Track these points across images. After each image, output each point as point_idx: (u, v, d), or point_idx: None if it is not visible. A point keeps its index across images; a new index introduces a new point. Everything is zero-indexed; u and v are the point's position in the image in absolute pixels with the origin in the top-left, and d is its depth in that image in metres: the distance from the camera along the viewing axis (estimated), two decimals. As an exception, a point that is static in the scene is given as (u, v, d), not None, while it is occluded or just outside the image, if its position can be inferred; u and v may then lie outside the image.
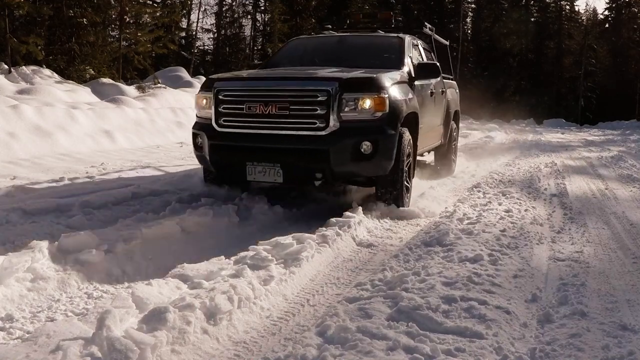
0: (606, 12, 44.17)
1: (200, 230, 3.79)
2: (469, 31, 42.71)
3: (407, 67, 5.41)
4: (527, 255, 3.53)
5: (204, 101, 4.71)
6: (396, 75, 4.92)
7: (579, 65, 39.96)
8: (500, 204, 5.07)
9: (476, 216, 4.47)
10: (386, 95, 4.37)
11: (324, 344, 2.19)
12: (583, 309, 2.64)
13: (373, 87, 4.37)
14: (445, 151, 7.36)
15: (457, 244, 3.56)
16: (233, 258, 3.07)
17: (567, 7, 43.50)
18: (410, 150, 4.85)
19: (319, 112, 4.22)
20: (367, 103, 4.30)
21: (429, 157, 7.80)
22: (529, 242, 3.84)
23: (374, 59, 5.52)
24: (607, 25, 44.28)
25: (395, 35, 6.14)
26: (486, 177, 7.11)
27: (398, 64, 5.37)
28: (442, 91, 6.84)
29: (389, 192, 4.65)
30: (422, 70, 5.40)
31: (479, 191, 5.84)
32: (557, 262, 3.47)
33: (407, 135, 4.71)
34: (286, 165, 4.32)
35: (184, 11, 26.06)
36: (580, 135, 21.05)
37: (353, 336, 2.22)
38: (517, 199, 5.44)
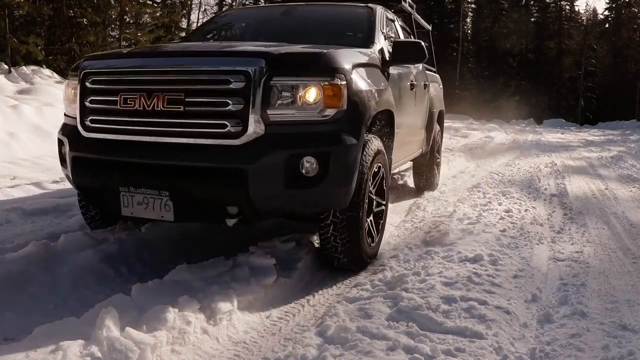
0: (606, 12, 44.23)
1: (200, 231, 3.79)
2: (469, 31, 42.74)
3: (379, 45, 3.84)
4: (527, 255, 3.53)
5: (72, 91, 3.14)
6: (362, 55, 3.39)
7: (579, 65, 40.01)
8: (500, 204, 5.07)
9: (476, 216, 4.47)
10: (344, 83, 2.80)
11: (323, 344, 2.20)
12: (583, 309, 2.64)
13: (322, 68, 2.80)
14: (427, 162, 5.81)
15: (457, 244, 3.57)
16: (233, 258, 3.07)
17: (567, 7, 43.55)
18: (381, 167, 3.36)
19: (231, 107, 2.63)
20: (312, 94, 2.71)
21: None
22: (529, 242, 3.84)
23: (333, 36, 3.89)
24: (607, 25, 44.32)
25: (364, 4, 4.49)
26: (486, 177, 7.11)
27: (366, 41, 3.80)
28: (425, 84, 5.29)
29: (342, 241, 3.03)
30: (401, 51, 3.82)
31: (478, 191, 5.84)
32: (557, 262, 3.47)
33: (376, 145, 3.18)
34: (178, 194, 2.77)
35: (184, 11, 26.04)
36: (580, 136, 21.05)
37: (353, 336, 2.22)
38: (517, 199, 5.44)
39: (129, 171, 2.87)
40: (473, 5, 43.01)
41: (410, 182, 6.30)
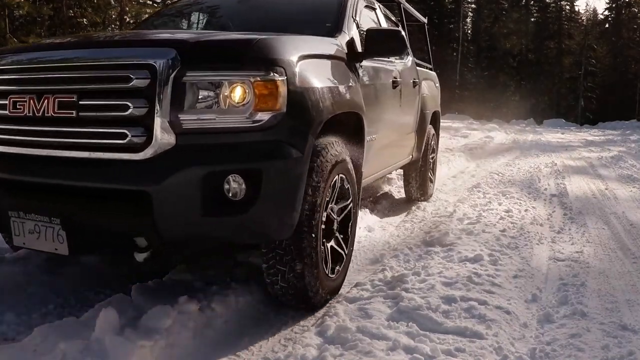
0: (606, 12, 44.33)
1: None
2: (469, 31, 42.80)
3: (348, 35, 3.23)
4: (527, 255, 3.53)
5: None
6: (318, 44, 2.84)
7: (579, 65, 40.07)
8: (500, 204, 5.07)
9: (476, 216, 4.47)
10: (282, 78, 2.21)
11: (324, 344, 2.19)
12: (583, 309, 2.64)
13: (253, 59, 2.20)
14: (420, 168, 5.21)
15: (457, 244, 3.56)
16: (232, 258, 3.07)
17: (567, 7, 43.64)
18: (345, 180, 2.76)
19: (132, 111, 2.09)
20: (239, 93, 2.13)
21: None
22: (529, 242, 3.84)
23: (294, 24, 3.34)
24: (607, 25, 44.40)
25: None
26: (486, 177, 7.11)
27: (332, 29, 3.21)
28: (414, 82, 4.71)
29: (291, 275, 2.44)
30: (375, 42, 3.20)
31: (478, 191, 5.84)
32: (557, 262, 3.47)
33: (335, 153, 2.59)
34: (71, 222, 2.21)
35: (184, 11, 26.06)
36: (580, 136, 21.05)
37: (353, 336, 2.22)
38: (517, 199, 5.44)
39: (16, 192, 2.34)
40: (473, 5, 43.08)
41: (401, 192, 5.74)
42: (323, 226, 2.54)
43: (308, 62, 2.47)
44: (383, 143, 3.68)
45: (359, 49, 3.27)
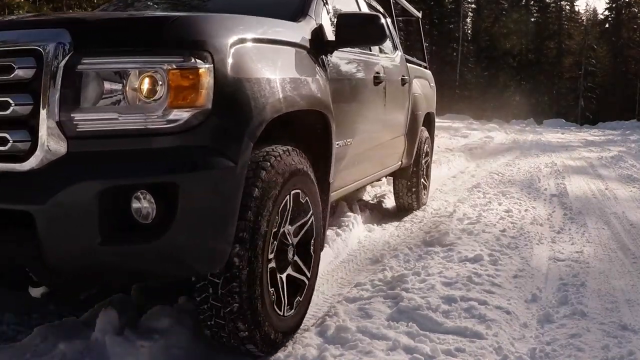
0: (606, 12, 44.37)
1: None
2: (469, 31, 42.84)
3: (316, 20, 2.72)
4: (527, 255, 3.54)
5: None
6: (272, 27, 2.29)
7: (579, 65, 40.13)
8: (500, 204, 5.07)
9: (476, 216, 4.48)
10: (208, 66, 1.73)
11: (323, 344, 2.19)
12: (583, 309, 2.64)
13: (168, 42, 1.74)
14: (411, 175, 4.72)
15: (457, 244, 3.57)
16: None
17: (567, 7, 43.72)
18: (303, 195, 2.26)
19: (14, 109, 1.66)
20: (148, 85, 1.68)
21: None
22: (529, 242, 3.84)
23: (255, 7, 2.68)
24: (607, 25, 44.44)
25: None
26: (486, 177, 7.11)
27: (296, 13, 2.69)
28: (403, 80, 4.20)
29: (229, 315, 1.93)
30: (349, 28, 2.71)
31: (478, 191, 5.84)
32: (557, 262, 3.48)
33: (289, 162, 2.10)
34: None
35: (184, 11, 26.09)
36: (580, 135, 21.05)
37: (353, 336, 2.22)
38: (517, 199, 5.44)
39: None
40: (473, 5, 43.15)
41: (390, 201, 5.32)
42: (272, 254, 2.05)
43: (249, 48, 1.99)
44: (362, 148, 3.25)
45: (330, 37, 2.74)
